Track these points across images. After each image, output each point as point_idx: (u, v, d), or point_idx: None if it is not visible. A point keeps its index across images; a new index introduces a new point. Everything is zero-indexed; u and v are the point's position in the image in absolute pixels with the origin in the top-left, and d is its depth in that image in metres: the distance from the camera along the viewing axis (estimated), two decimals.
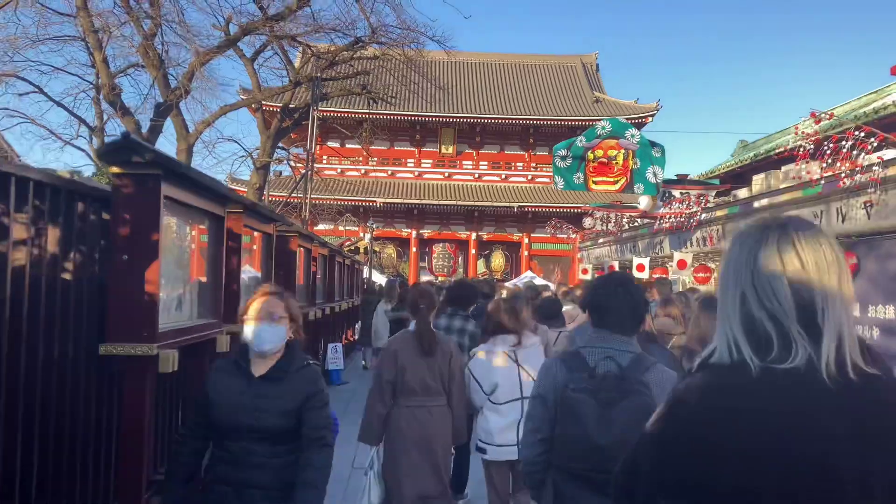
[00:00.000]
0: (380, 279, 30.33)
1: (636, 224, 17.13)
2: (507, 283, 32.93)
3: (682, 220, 11.76)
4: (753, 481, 1.13)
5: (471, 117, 37.23)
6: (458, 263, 38.34)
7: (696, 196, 11.89)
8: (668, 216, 12.31)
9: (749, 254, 1.27)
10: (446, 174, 38.60)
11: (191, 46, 12.65)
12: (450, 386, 4.37)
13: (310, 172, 13.63)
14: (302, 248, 8.77)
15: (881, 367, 1.24)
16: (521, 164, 39.19)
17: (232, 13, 14.22)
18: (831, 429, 1.14)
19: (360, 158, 38.14)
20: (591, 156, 11.39)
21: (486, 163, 39.11)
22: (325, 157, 38.46)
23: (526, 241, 38.13)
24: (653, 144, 11.32)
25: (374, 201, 35.63)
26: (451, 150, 38.93)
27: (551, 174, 38.75)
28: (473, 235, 38.08)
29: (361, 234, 27.69)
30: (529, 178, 38.62)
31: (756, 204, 10.52)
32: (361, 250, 25.15)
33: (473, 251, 38.13)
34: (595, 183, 11.41)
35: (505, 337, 4.50)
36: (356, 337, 16.91)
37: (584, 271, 18.58)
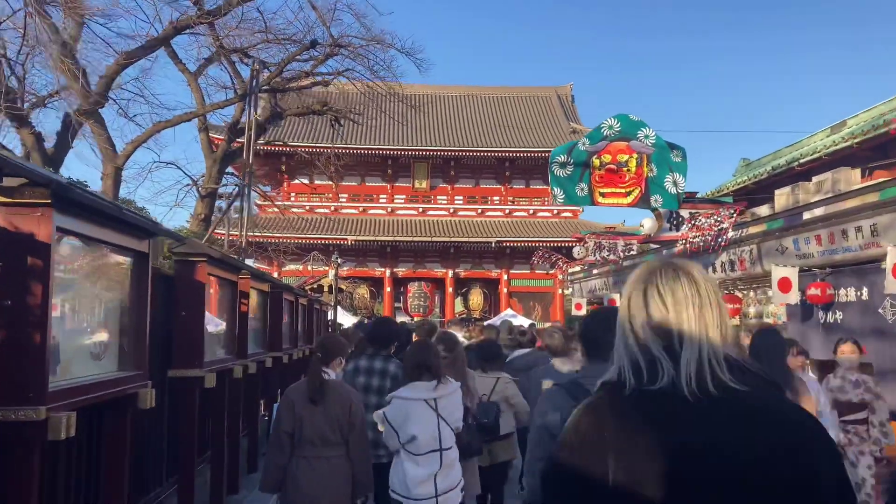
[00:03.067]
0: (350, 321, 27.67)
1: (633, 252, 14.84)
2: (485, 323, 30.48)
3: (708, 239, 9.42)
4: (619, 479, 1.30)
5: (445, 150, 35.11)
6: (435, 303, 35.78)
7: (719, 215, 9.58)
8: (686, 238, 9.90)
9: (626, 298, 1.50)
10: (420, 209, 36.27)
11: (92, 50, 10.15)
12: (349, 436, 4.17)
13: (247, 190, 11.11)
14: (220, 281, 6.26)
15: (754, 382, 1.36)
16: (497, 198, 37.02)
17: (165, 15, 11.85)
18: (686, 437, 1.30)
19: (330, 195, 35.75)
20: (596, 162, 9.04)
21: (461, 197, 36.90)
22: (292, 194, 36.01)
23: (505, 277, 35.78)
24: (671, 147, 9.02)
25: (345, 239, 33.12)
26: (424, 184, 36.68)
27: (528, 208, 37.14)
28: (450, 273, 35.64)
29: (327, 272, 24.90)
30: (507, 212, 36.43)
31: (807, 215, 8.24)
32: (325, 288, 22.42)
33: (450, 289, 35.65)
34: (602, 196, 9.06)
35: (424, 384, 4.17)
36: None
37: (578, 306, 16.17)
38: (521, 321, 28.29)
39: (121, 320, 4.25)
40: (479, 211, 36.41)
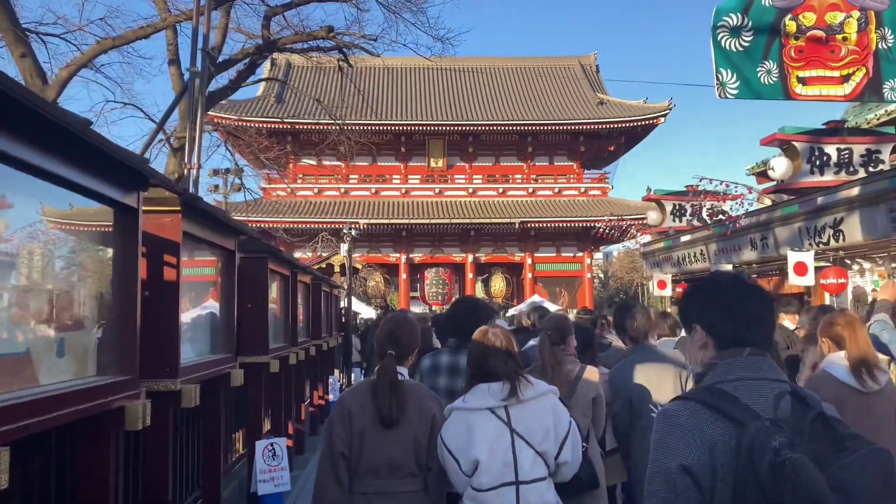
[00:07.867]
0: (366, 311, 23.81)
1: (747, 208, 10.96)
2: (511, 310, 26.70)
3: None
4: None
5: (462, 125, 31.18)
6: (454, 290, 31.91)
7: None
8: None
9: None
10: (437, 190, 32.32)
11: None
12: (429, 462, 2.65)
13: (199, 123, 7.18)
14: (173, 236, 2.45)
15: None
16: (519, 177, 33.06)
17: None
18: None
19: (339, 177, 31.87)
20: (791, 26, 5.20)
21: (480, 176, 32.94)
22: (299, 176, 32.15)
23: (529, 261, 31.89)
24: None
25: (357, 223, 29.09)
26: (440, 163, 32.74)
27: (553, 186, 33.13)
28: (470, 258, 31.77)
29: (339, 250, 20.97)
30: (530, 191, 32.45)
31: None
32: (336, 268, 18.65)
33: (471, 275, 31.78)
34: (803, 82, 5.21)
35: (489, 386, 2.60)
36: (330, 398, 10.46)
37: (661, 284, 12.34)
38: (549, 307, 24.48)
39: None
40: (501, 190, 32.45)
